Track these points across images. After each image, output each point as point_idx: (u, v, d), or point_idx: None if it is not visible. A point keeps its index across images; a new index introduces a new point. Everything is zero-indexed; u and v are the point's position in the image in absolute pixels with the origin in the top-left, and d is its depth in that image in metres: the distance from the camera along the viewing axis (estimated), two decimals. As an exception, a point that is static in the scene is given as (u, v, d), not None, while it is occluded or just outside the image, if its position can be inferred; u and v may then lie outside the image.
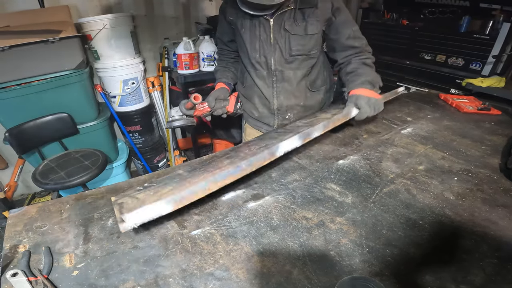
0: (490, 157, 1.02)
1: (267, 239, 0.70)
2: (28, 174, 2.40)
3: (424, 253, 0.66)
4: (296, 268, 0.63)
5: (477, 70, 2.32)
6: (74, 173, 1.70)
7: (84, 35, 2.08)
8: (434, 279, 0.59)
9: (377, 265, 0.63)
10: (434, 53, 2.59)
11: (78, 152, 1.93)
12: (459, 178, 0.91)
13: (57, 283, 0.60)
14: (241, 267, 0.63)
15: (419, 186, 0.88)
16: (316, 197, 0.84)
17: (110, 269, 0.63)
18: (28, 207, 0.82)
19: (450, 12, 2.59)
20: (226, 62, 1.44)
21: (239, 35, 1.25)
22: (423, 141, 1.13)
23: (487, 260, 0.63)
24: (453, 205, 0.80)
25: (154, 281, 0.61)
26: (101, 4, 2.29)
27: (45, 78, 1.86)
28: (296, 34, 1.16)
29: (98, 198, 0.86)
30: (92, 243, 0.70)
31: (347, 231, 0.72)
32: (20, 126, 1.79)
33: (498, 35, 2.14)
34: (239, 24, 1.21)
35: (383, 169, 0.97)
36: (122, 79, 2.29)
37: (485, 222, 0.74)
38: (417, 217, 0.76)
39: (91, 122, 2.14)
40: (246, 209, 0.80)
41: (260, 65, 1.25)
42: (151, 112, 2.66)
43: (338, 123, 1.08)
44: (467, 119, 1.34)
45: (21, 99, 1.82)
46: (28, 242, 0.70)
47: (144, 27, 2.52)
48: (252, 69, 1.29)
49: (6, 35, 1.71)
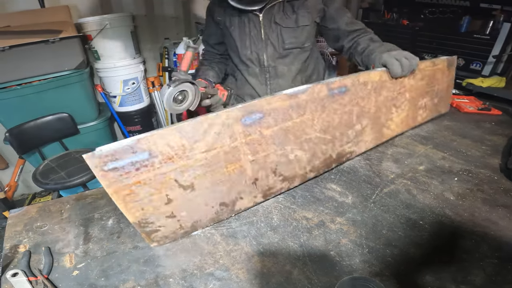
0: (491, 157, 1.02)
1: (267, 239, 0.70)
2: (28, 174, 2.40)
3: (424, 253, 0.66)
4: (296, 268, 0.63)
5: (478, 70, 2.32)
6: (75, 173, 1.70)
7: (85, 35, 2.08)
8: (434, 279, 0.59)
9: (377, 265, 0.63)
10: (434, 53, 2.59)
11: (78, 152, 1.93)
12: (459, 178, 0.91)
13: (57, 283, 0.60)
14: (241, 267, 0.63)
15: (419, 186, 0.88)
16: (316, 197, 0.84)
17: (110, 269, 0.63)
18: (29, 207, 0.82)
19: (450, 12, 2.59)
20: (209, 62, 1.37)
21: (228, 34, 1.21)
22: (423, 141, 1.13)
23: (488, 260, 0.63)
24: (454, 205, 0.80)
25: (154, 281, 0.61)
26: (102, 4, 2.29)
27: (46, 78, 1.86)
28: (288, 27, 1.14)
29: (98, 198, 0.86)
30: (92, 243, 0.70)
31: (347, 231, 0.72)
32: (20, 126, 1.80)
33: (498, 35, 2.14)
34: (227, 22, 1.18)
35: (383, 169, 0.97)
36: (123, 79, 2.29)
37: (485, 222, 0.74)
38: (417, 217, 0.76)
39: (92, 122, 2.14)
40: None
41: (252, 62, 1.22)
42: (151, 112, 2.67)
43: (370, 75, 0.93)
44: (468, 119, 1.34)
45: (22, 99, 1.83)
46: (28, 242, 0.70)
47: (144, 27, 2.53)
48: (244, 67, 1.26)
49: (7, 35, 1.71)
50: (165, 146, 0.61)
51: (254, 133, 0.71)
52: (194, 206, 0.70)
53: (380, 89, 0.96)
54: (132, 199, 0.61)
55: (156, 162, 0.61)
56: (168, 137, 0.61)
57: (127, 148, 0.57)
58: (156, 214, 0.66)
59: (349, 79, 0.87)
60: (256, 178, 0.77)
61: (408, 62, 0.95)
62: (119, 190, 0.59)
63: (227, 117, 0.67)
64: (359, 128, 0.95)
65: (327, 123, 0.85)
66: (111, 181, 0.58)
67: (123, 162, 0.57)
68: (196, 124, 0.63)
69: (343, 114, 0.88)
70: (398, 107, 1.06)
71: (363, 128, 0.97)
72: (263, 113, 0.71)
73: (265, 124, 0.72)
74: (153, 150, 0.60)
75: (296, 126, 0.78)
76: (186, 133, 0.63)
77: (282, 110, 0.74)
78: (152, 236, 0.67)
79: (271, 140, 0.75)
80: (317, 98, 0.81)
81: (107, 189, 0.58)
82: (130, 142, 0.57)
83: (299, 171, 0.85)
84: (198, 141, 0.64)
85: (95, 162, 0.55)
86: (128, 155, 0.57)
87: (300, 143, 0.81)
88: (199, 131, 0.64)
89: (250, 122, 0.70)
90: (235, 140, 0.69)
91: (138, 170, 0.59)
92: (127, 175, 0.59)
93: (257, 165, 0.75)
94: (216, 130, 0.66)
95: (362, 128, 0.97)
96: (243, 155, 0.72)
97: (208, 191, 0.71)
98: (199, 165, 0.66)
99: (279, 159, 0.79)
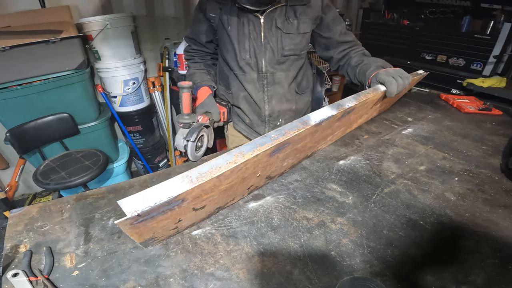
0: (491, 157, 1.02)
1: (268, 239, 0.70)
2: (29, 174, 2.41)
3: (425, 253, 0.66)
4: (297, 268, 0.62)
5: (478, 70, 2.32)
6: (75, 173, 1.71)
7: (85, 35, 2.08)
8: (435, 279, 0.59)
9: (378, 265, 0.62)
10: (435, 53, 2.59)
11: (79, 152, 1.94)
12: (460, 179, 0.91)
13: (57, 283, 0.60)
14: (242, 267, 0.63)
15: (420, 187, 0.88)
16: (316, 197, 0.84)
17: (110, 269, 0.63)
18: (29, 207, 0.82)
19: (451, 12, 2.59)
20: (204, 64, 1.28)
21: (224, 33, 1.13)
22: (424, 142, 1.13)
23: (488, 261, 0.63)
24: (454, 206, 0.80)
25: (154, 281, 0.61)
26: (102, 4, 2.30)
27: (46, 78, 1.86)
28: (289, 33, 1.10)
29: (99, 198, 0.86)
30: (93, 243, 0.70)
31: (348, 231, 0.72)
32: (21, 126, 1.80)
33: (499, 35, 2.14)
34: (224, 21, 1.10)
35: (383, 169, 0.97)
36: (123, 79, 2.29)
37: (486, 222, 0.74)
38: (418, 217, 0.76)
39: (92, 122, 2.14)
40: (247, 209, 0.80)
41: (250, 67, 1.16)
42: (151, 112, 2.67)
43: (369, 96, 0.95)
44: (468, 119, 1.34)
45: (22, 99, 1.83)
46: (29, 242, 0.70)
47: (145, 27, 2.53)
48: (240, 72, 1.18)
49: (7, 35, 1.71)
50: (199, 192, 0.58)
51: (273, 160, 0.74)
52: (196, 217, 0.72)
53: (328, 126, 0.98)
54: (148, 231, 0.60)
55: (184, 204, 0.58)
56: (206, 186, 0.57)
57: (163, 205, 0.52)
58: (163, 231, 0.65)
59: (356, 102, 0.91)
60: (252, 185, 0.80)
61: (402, 81, 0.97)
62: (142, 232, 0.57)
63: (263, 155, 0.65)
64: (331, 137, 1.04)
65: (320, 138, 0.93)
66: (138, 229, 0.55)
67: (155, 213, 0.54)
68: (235, 169, 0.60)
69: (335, 128, 0.98)
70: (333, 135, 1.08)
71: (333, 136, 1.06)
72: (290, 143, 0.72)
73: (284, 150, 0.74)
74: (186, 198, 0.57)
75: (302, 146, 0.83)
76: (224, 178, 0.59)
77: (304, 136, 0.76)
78: (148, 243, 0.67)
79: (280, 159, 0.78)
80: (332, 121, 0.85)
81: (129, 232, 0.55)
82: (168, 198, 0.51)
83: (281, 170, 0.91)
84: (228, 178, 0.62)
85: (127, 223, 0.51)
86: (163, 208, 0.54)
87: (297, 156, 0.87)
88: (235, 173, 0.62)
89: (276, 153, 0.71)
90: (256, 167, 0.70)
91: (164, 213, 0.56)
92: (152, 220, 0.56)
93: (260, 178, 0.79)
94: (248, 166, 0.65)
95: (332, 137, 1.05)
96: (254, 174, 0.73)
97: (213, 204, 0.72)
98: (218, 193, 0.66)
99: (276, 169, 0.83)
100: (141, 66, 2.40)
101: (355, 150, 1.09)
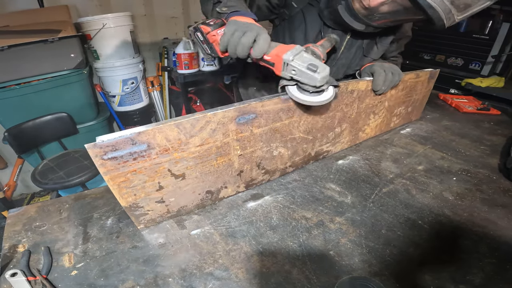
0: (489, 157, 1.02)
1: (267, 238, 0.70)
2: (27, 173, 2.40)
3: (423, 252, 0.66)
4: (296, 268, 0.63)
5: (477, 70, 2.33)
6: (74, 173, 1.70)
7: (84, 34, 2.08)
8: (433, 279, 0.59)
9: (377, 265, 0.63)
10: (433, 53, 2.60)
11: (77, 152, 1.93)
12: (458, 178, 0.91)
13: (56, 283, 0.60)
14: (241, 267, 0.63)
15: (418, 186, 0.88)
16: (315, 197, 0.84)
17: (109, 269, 0.63)
18: (27, 206, 0.82)
19: (449, 12, 2.59)
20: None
21: (292, 26, 0.98)
22: (422, 141, 1.13)
23: (486, 260, 0.63)
24: (452, 205, 0.80)
25: (153, 281, 0.61)
26: (101, 4, 2.29)
27: (45, 77, 1.86)
28: (368, 57, 1.01)
29: (97, 197, 0.86)
30: (91, 243, 0.70)
31: (347, 231, 0.72)
32: (19, 126, 1.79)
33: (497, 35, 2.14)
34: (306, 13, 0.95)
35: (382, 169, 0.97)
36: (122, 79, 2.29)
37: (484, 222, 0.74)
38: (416, 217, 0.76)
39: (91, 122, 2.14)
40: (246, 209, 0.80)
41: None
42: (150, 111, 2.67)
43: (359, 84, 0.93)
44: (467, 119, 1.34)
45: (21, 99, 1.82)
46: (27, 242, 0.70)
47: (144, 27, 2.53)
48: None
49: (6, 35, 1.71)
50: (163, 140, 0.64)
51: (245, 131, 0.76)
52: (182, 193, 0.74)
53: (364, 97, 1.00)
54: (127, 185, 0.65)
55: (152, 153, 0.64)
56: (167, 131, 0.63)
57: (127, 140, 0.59)
58: (147, 199, 0.69)
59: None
60: (241, 170, 0.82)
61: (392, 77, 0.95)
62: (115, 177, 0.62)
63: (224, 116, 0.69)
64: (338, 131, 1.02)
65: (311, 125, 0.91)
66: (109, 169, 0.61)
67: (122, 152, 0.60)
68: (194, 121, 0.66)
69: (327, 118, 0.94)
70: (376, 114, 1.11)
71: (342, 131, 1.03)
72: (256, 113, 0.75)
73: (257, 124, 0.77)
74: (151, 143, 0.62)
75: (284, 127, 0.83)
76: (184, 129, 0.65)
77: (273, 112, 0.78)
78: (140, 219, 0.72)
79: (259, 138, 0.80)
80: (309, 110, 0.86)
81: (104, 176, 0.61)
82: (131, 134, 0.59)
83: (280, 166, 0.91)
84: (194, 136, 0.67)
85: (95, 152, 0.58)
86: (128, 146, 0.60)
87: (284, 142, 0.87)
88: (196, 128, 0.67)
89: (244, 122, 0.74)
90: (227, 137, 0.73)
91: (135, 160, 0.62)
92: (124, 164, 0.62)
93: (243, 159, 0.80)
94: (212, 127, 0.69)
95: (341, 131, 1.03)
96: (232, 150, 0.76)
97: (197, 180, 0.75)
98: (192, 157, 0.70)
99: (264, 155, 0.84)
100: (140, 66, 2.40)
101: (353, 150, 1.09)
